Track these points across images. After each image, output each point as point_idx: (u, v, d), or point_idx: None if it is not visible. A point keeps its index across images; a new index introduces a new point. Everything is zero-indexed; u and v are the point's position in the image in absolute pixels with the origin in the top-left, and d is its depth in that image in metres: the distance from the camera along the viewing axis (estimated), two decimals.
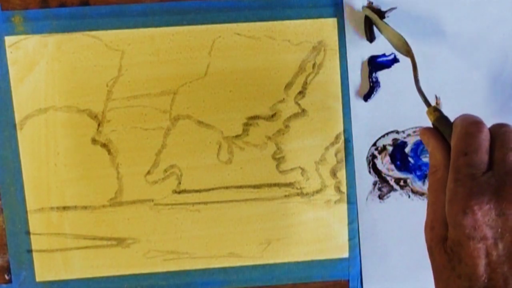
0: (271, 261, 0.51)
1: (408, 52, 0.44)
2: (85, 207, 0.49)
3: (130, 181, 0.49)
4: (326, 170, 0.50)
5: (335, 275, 0.51)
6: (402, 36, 0.45)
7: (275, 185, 0.50)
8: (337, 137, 0.50)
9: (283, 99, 0.49)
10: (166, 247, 0.50)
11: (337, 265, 0.51)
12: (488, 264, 0.32)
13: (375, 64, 0.49)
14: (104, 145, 0.49)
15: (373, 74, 0.49)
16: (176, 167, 0.49)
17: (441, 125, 0.39)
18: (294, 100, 0.49)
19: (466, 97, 0.50)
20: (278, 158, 0.50)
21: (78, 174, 0.49)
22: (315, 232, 0.50)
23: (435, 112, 0.39)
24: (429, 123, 0.40)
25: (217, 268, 0.50)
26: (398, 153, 0.50)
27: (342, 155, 0.50)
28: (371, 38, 0.48)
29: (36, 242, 0.49)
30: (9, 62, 0.47)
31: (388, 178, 0.50)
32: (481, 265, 0.32)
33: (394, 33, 0.45)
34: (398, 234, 0.51)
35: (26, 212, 0.49)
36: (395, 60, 0.49)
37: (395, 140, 0.50)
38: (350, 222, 0.50)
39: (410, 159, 0.50)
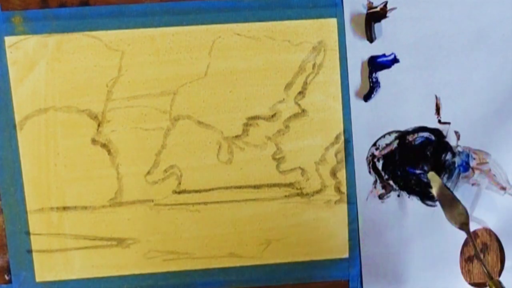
0: (271, 261, 0.51)
1: (463, 226, 0.47)
2: (85, 207, 0.49)
3: (130, 181, 0.49)
4: (326, 170, 0.50)
5: (335, 275, 0.51)
6: (465, 211, 0.47)
7: (275, 185, 0.50)
8: (337, 137, 0.50)
9: (283, 99, 0.49)
10: (166, 247, 0.50)
11: (337, 265, 0.51)
12: None
13: (375, 64, 0.49)
14: (104, 145, 0.49)
15: (373, 74, 0.49)
16: (176, 167, 0.49)
17: None
18: (294, 100, 0.49)
19: (466, 97, 0.50)
20: (278, 158, 0.50)
21: (78, 174, 0.49)
22: (315, 232, 0.50)
23: (499, 285, 0.43)
24: None
25: (217, 268, 0.50)
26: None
27: (342, 155, 0.50)
28: (371, 38, 0.48)
29: (36, 242, 0.49)
30: (9, 62, 0.47)
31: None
32: None
33: (457, 206, 0.48)
34: (398, 234, 0.51)
35: (26, 212, 0.49)
36: (395, 60, 0.49)
37: (395, 140, 0.50)
38: (350, 222, 0.50)
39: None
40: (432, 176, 0.49)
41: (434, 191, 0.49)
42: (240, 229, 0.50)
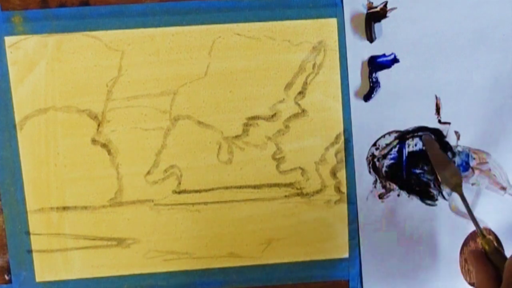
0: (271, 261, 0.51)
1: (457, 187, 0.47)
2: (85, 207, 0.49)
3: (130, 181, 0.49)
4: (326, 170, 0.50)
5: (335, 275, 0.51)
6: (459, 172, 0.48)
7: (275, 185, 0.50)
8: (337, 137, 0.50)
9: (283, 99, 0.49)
10: (166, 247, 0.50)
11: (337, 265, 0.51)
12: None
13: (375, 64, 0.49)
14: (104, 145, 0.49)
15: (373, 74, 0.49)
16: (176, 167, 0.49)
17: (494, 256, 0.42)
18: (294, 100, 0.49)
19: (466, 97, 0.50)
20: (278, 158, 0.50)
21: (78, 174, 0.49)
22: (315, 232, 0.50)
23: (491, 243, 0.43)
24: None
25: (217, 268, 0.50)
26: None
27: (342, 155, 0.50)
28: (371, 38, 0.48)
29: (36, 242, 0.49)
30: (9, 62, 0.47)
31: None
32: None
33: (451, 167, 0.48)
34: (398, 234, 0.51)
35: (26, 212, 0.49)
36: (395, 60, 0.49)
37: (395, 139, 0.50)
38: (350, 222, 0.50)
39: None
40: (426, 139, 0.49)
41: (429, 154, 0.49)
42: (240, 229, 0.50)
